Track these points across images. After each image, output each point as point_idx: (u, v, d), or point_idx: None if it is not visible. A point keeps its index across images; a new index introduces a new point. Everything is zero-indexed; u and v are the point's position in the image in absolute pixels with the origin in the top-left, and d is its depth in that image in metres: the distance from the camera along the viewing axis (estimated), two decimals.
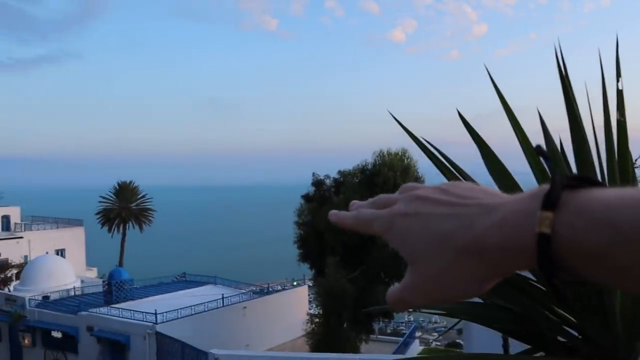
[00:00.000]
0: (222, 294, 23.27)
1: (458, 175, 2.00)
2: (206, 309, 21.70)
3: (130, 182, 58.13)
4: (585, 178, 0.49)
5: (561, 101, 1.81)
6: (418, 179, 25.49)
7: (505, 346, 3.20)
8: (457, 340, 33.65)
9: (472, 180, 1.74)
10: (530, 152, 1.88)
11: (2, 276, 41.13)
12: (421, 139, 2.04)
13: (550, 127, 1.94)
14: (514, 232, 0.49)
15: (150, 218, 57.28)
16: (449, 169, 2.01)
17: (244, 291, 26.03)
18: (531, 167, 1.89)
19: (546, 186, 0.49)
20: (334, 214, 0.68)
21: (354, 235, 21.05)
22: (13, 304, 25.58)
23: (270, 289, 26.95)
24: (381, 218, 0.60)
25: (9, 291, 27.95)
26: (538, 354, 1.74)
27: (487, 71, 2.04)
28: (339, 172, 25.33)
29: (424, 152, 2.02)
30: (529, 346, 1.79)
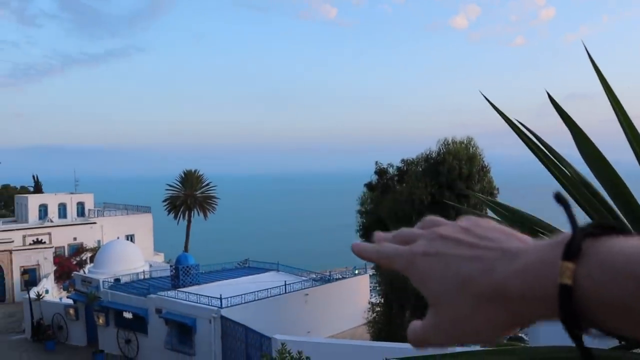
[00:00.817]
0: (285, 281, 23.55)
1: (556, 160, 1.86)
2: (269, 295, 22.03)
3: (195, 170, 59.73)
4: (608, 225, 0.48)
5: None
6: (484, 168, 24.81)
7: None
8: (519, 334, 32.68)
9: (568, 169, 1.62)
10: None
11: (78, 259, 43.48)
12: (515, 121, 1.91)
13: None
14: (535, 282, 0.48)
15: (214, 205, 58.72)
16: (545, 153, 1.87)
17: (305, 278, 26.23)
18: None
19: (568, 234, 0.48)
20: (356, 245, 0.66)
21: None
22: (89, 286, 26.93)
23: (331, 277, 27.06)
24: (402, 256, 0.60)
25: (84, 273, 29.41)
26: None
27: (586, 50, 1.88)
28: (403, 160, 24.97)
29: (518, 135, 1.90)
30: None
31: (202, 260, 27.24)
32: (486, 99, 2.06)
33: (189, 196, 57.11)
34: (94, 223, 52.03)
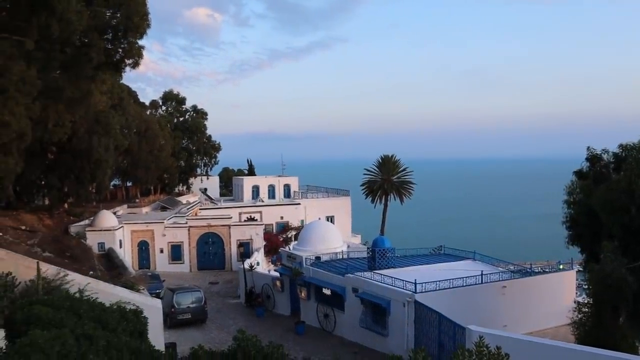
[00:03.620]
0: (482, 271, 22.80)
1: None
2: (464, 284, 21.54)
3: (392, 155, 60.44)
4: None
5: None
6: None
7: None
8: None
9: None
10: None
11: (284, 236, 47.35)
12: None
13: None
14: None
15: (410, 190, 58.94)
16: None
17: (503, 270, 25.07)
18: None
19: None
20: None
21: (638, 218, 18.35)
22: (293, 261, 29.22)
23: (532, 270, 25.42)
24: None
25: (289, 250, 31.93)
26: None
27: None
28: (620, 145, 22.09)
29: None
30: None
31: (397, 244, 27.66)
32: None
33: (386, 181, 58.13)
34: (299, 204, 56.09)
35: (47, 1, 14.39)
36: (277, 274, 31.77)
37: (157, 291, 29.32)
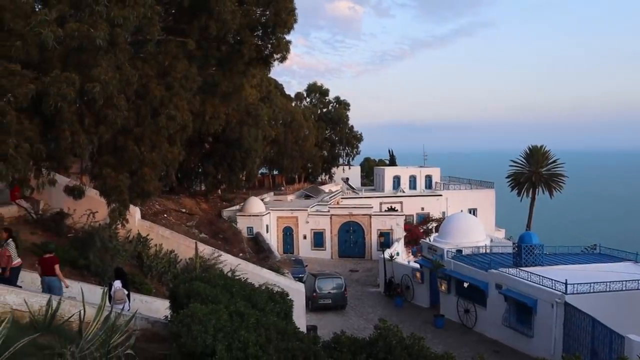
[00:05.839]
0: None
1: None
2: (623, 288, 19.66)
3: (542, 146, 56.96)
4: None
5: None
6: None
7: None
8: None
9: None
10: None
11: (425, 227, 46.84)
12: None
13: None
14: None
15: (560, 184, 55.21)
16: None
17: None
18: None
19: None
20: None
21: None
22: (434, 253, 28.85)
23: None
24: None
25: (430, 241, 31.55)
26: None
27: None
28: None
29: None
30: None
31: (545, 240, 26.01)
32: None
33: (534, 173, 54.96)
34: (440, 195, 55.04)
35: (206, 4, 15.64)
36: (417, 265, 31.62)
37: (300, 275, 30.67)
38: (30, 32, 10.43)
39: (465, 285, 25.21)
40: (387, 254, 33.89)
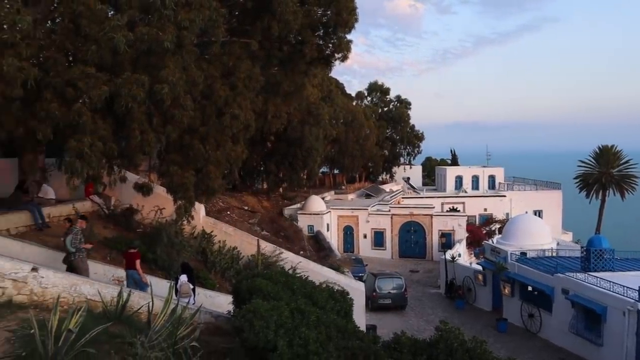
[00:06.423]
0: None
1: None
2: None
3: (612, 146, 54.41)
4: None
5: None
6: None
7: None
8: None
9: None
10: None
11: (487, 229, 45.71)
12: None
13: None
14: None
15: (633, 185, 52.54)
16: None
17: None
18: None
19: None
20: None
21: None
22: (497, 255, 28.12)
23: None
24: None
25: (493, 243, 30.76)
26: None
27: None
28: None
29: None
30: None
31: (616, 245, 24.81)
32: None
33: (604, 174, 52.53)
34: (503, 196, 53.54)
35: (269, 5, 15.90)
36: (479, 267, 30.93)
37: (360, 275, 30.66)
38: (104, 36, 10.96)
39: (531, 289, 24.44)
40: (448, 255, 33.33)
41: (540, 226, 30.53)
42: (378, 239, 44.42)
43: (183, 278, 12.51)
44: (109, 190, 16.71)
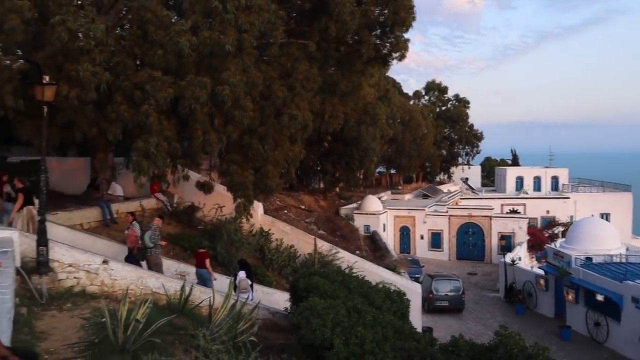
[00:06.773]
0: None
1: None
2: None
3: None
4: None
5: None
6: None
7: None
8: None
9: None
10: None
11: (550, 232, 44.17)
12: None
13: None
14: None
15: None
16: None
17: None
18: None
19: None
20: None
21: None
22: (560, 260, 27.13)
23: None
24: None
25: (556, 247, 29.72)
26: None
27: None
28: None
29: None
30: None
31: None
32: None
33: None
34: (567, 198, 51.57)
35: (326, 6, 16.04)
36: (541, 272, 29.94)
37: (417, 276, 30.34)
38: (169, 41, 11.42)
39: (598, 297, 23.47)
40: (508, 258, 32.44)
41: (607, 230, 29.22)
42: (435, 240, 43.79)
43: (242, 274, 12.83)
44: (172, 188, 17.35)
